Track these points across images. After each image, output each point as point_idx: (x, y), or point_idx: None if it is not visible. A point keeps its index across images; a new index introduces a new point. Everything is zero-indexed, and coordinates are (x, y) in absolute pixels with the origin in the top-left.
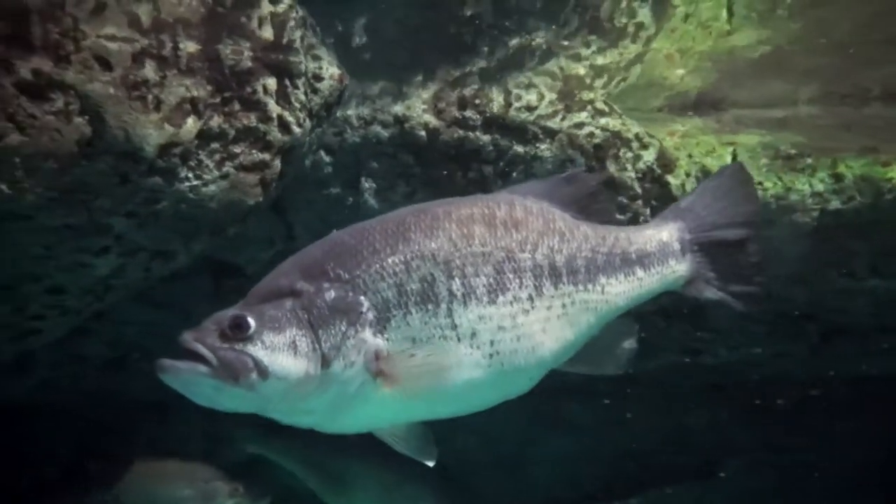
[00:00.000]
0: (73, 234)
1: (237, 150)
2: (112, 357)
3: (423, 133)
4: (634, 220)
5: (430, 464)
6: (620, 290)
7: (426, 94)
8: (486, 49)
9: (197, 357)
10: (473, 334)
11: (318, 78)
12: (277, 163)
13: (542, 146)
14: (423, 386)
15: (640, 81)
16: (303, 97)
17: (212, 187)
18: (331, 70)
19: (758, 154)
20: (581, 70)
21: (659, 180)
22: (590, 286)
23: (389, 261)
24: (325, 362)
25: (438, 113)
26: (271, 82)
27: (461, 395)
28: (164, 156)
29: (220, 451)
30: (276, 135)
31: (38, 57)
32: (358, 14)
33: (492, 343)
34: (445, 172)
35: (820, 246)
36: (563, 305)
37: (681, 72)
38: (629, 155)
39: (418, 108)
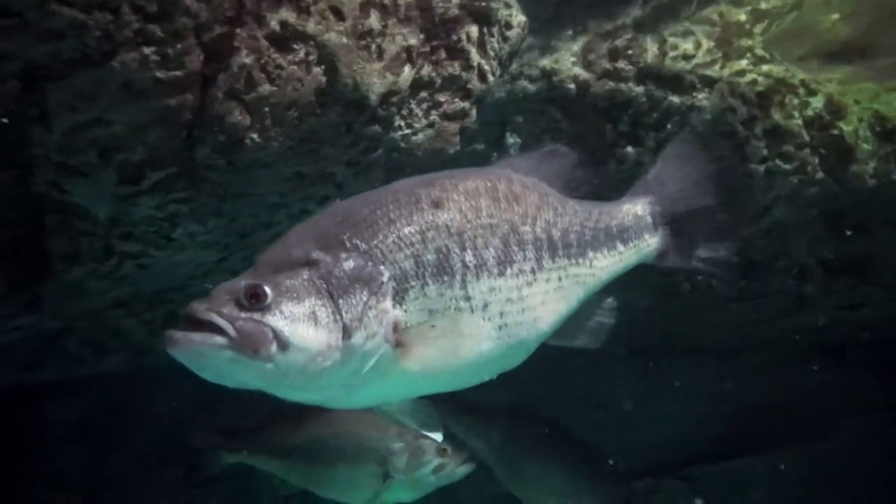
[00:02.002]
0: (304, 182)
1: (442, 98)
2: None
3: (571, 86)
4: (801, 170)
5: (438, 437)
6: (605, 263)
7: (575, 47)
8: (639, 0)
9: (209, 328)
10: (485, 306)
11: (509, 26)
12: (474, 112)
13: (700, 95)
14: (439, 358)
15: (791, 27)
16: (496, 45)
17: (420, 136)
18: (519, 17)
19: None
20: (742, 16)
21: (828, 127)
22: (580, 260)
23: (406, 231)
24: (347, 334)
25: (588, 65)
26: (473, 30)
27: (471, 367)
28: (383, 104)
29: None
30: (475, 83)
31: (284, 9)
32: None
33: (501, 315)
34: (594, 126)
35: None
36: (559, 279)
37: (835, 16)
38: (795, 102)
39: (567, 60)
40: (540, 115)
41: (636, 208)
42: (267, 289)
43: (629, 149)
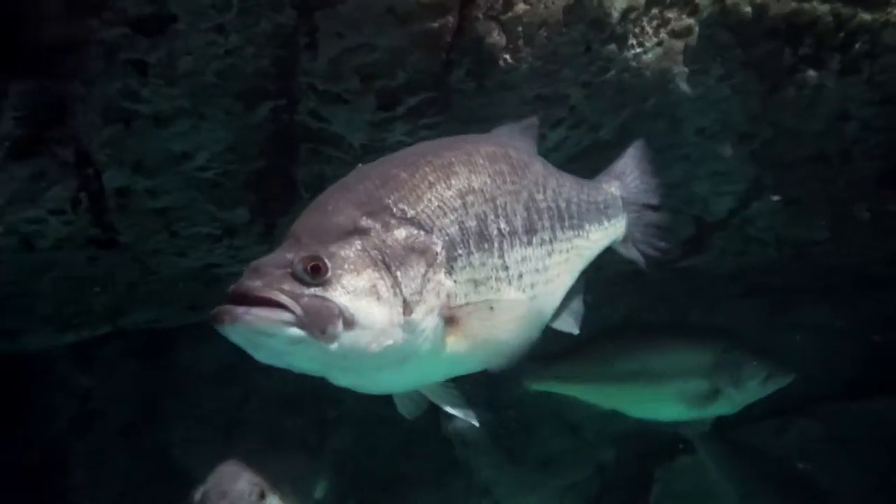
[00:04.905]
0: (542, 105)
1: (670, 15)
2: None
3: (748, 10)
4: None
5: (474, 421)
6: (597, 237)
7: None
8: None
9: (268, 305)
10: (520, 276)
11: None
12: (697, 28)
13: None
14: (484, 333)
15: None
16: None
17: (649, 55)
18: None
19: None
20: None
21: None
22: (581, 232)
23: (447, 195)
24: (408, 309)
25: None
26: None
27: (508, 343)
28: (622, 22)
29: None
30: None
31: None
32: None
33: (532, 286)
34: (771, 50)
35: None
36: (567, 250)
37: None
38: None
39: None
40: (709, 41)
41: (612, 189)
42: (327, 261)
43: (811, 72)
